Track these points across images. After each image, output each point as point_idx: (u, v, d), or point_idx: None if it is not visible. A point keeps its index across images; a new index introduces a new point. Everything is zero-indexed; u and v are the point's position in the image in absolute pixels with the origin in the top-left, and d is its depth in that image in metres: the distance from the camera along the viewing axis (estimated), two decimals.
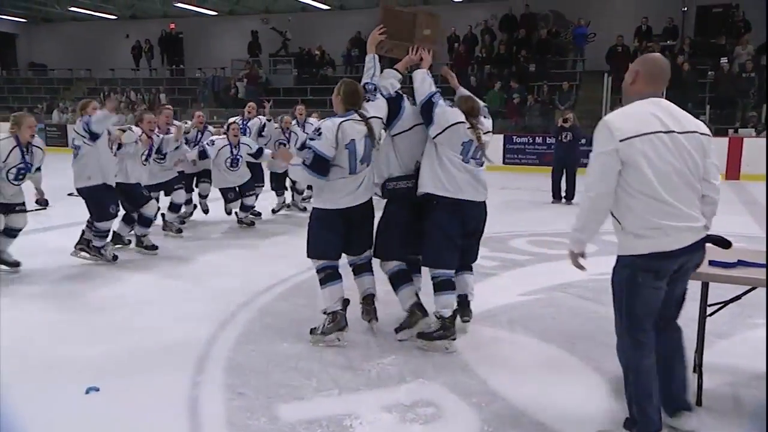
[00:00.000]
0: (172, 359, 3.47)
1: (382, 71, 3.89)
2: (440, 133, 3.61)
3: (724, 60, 14.58)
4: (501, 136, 14.71)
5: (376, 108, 3.75)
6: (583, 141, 12.18)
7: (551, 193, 9.50)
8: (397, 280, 3.82)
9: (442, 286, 3.64)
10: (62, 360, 3.45)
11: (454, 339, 3.63)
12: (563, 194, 9.43)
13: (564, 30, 17.94)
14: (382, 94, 3.80)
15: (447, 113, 3.65)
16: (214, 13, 22.75)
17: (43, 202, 8.62)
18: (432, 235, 3.65)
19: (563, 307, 4.48)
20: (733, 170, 12.68)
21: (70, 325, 4.03)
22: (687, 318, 2.83)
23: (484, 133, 3.74)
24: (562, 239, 6.74)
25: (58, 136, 19.70)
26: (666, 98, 2.61)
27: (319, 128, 3.60)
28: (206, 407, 2.90)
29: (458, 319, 3.79)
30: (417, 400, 3.00)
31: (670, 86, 10.85)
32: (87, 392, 3.00)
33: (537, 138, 14.37)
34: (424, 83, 3.76)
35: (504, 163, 14.59)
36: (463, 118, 3.66)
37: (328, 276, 3.70)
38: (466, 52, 17.80)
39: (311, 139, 3.60)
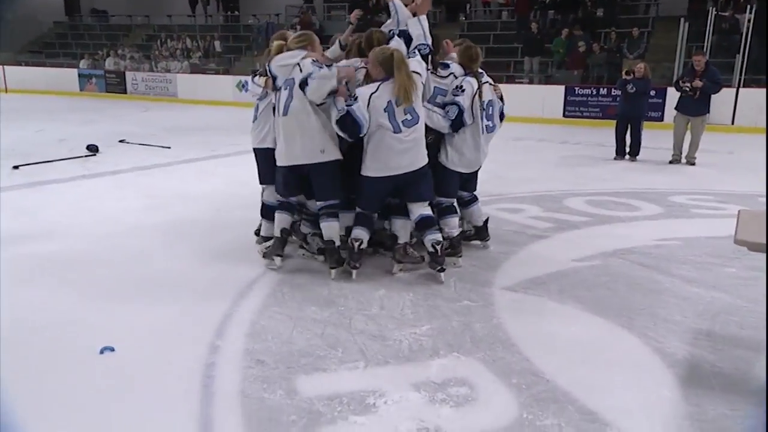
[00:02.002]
0: (193, 321, 3.30)
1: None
2: None
3: None
4: (562, 87, 13.88)
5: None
6: (653, 93, 11.39)
7: (614, 148, 8.85)
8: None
9: (447, 210, 4.23)
10: (78, 319, 3.34)
11: (461, 256, 4.21)
12: (627, 150, 8.77)
13: None
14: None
15: None
16: None
17: (93, 148, 8.76)
18: (440, 171, 4.13)
19: (621, 275, 4.06)
20: None
21: (90, 285, 3.92)
22: None
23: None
24: (624, 200, 6.25)
25: (116, 83, 19.98)
26: (750, 45, 2.13)
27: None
28: (221, 376, 2.70)
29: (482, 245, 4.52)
30: (449, 378, 2.71)
31: (755, 32, 9.88)
32: (101, 352, 2.87)
33: (601, 89, 13.45)
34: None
35: (564, 116, 13.80)
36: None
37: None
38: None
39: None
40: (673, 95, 9.35)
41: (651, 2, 16.11)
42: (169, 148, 9.35)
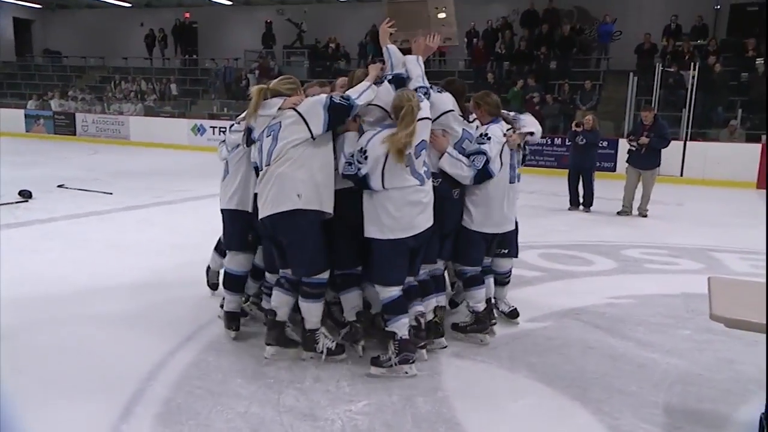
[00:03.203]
0: (97, 398, 2.90)
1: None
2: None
3: (759, 61, 13.70)
4: None
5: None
6: (605, 144, 11.58)
7: (568, 199, 8.84)
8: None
9: (473, 281, 3.72)
10: None
11: (489, 333, 3.73)
12: (581, 201, 8.76)
13: (588, 27, 17.14)
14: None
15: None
16: (230, 2, 22.26)
17: (26, 194, 8.25)
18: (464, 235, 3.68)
19: (574, 339, 3.85)
20: (765, 178, 11.85)
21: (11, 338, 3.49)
22: None
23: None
24: (578, 253, 6.14)
25: (65, 125, 19.36)
26: (695, 100, 2.02)
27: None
28: None
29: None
30: None
31: (699, 87, 10.04)
32: None
33: (556, 139, 13.64)
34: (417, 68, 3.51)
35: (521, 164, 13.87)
36: None
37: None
38: (485, 47, 17.09)
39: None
40: (624, 146, 9.47)
41: (602, 57, 16.64)
42: (111, 194, 8.90)
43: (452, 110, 3.55)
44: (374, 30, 19.15)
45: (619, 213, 8.46)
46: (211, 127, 17.51)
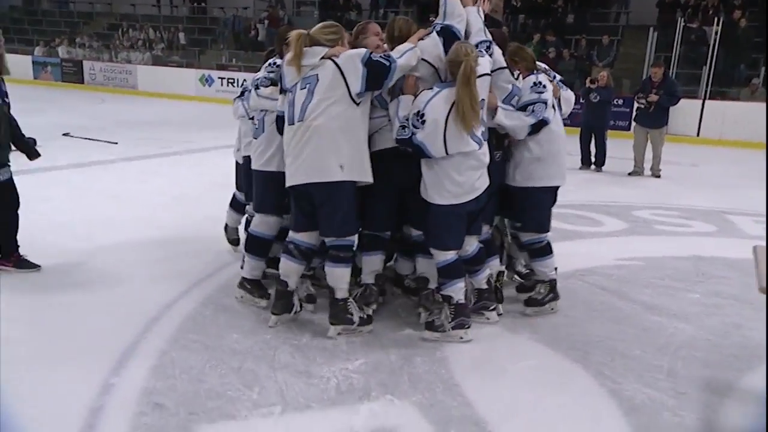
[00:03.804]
0: (90, 351, 2.87)
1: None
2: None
3: None
4: None
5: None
6: (620, 102, 11.26)
7: (580, 158, 8.64)
8: None
9: (545, 250, 3.53)
10: None
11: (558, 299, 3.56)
12: (593, 160, 8.56)
13: None
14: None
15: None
16: None
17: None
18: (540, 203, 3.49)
19: (580, 301, 3.76)
20: None
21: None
22: None
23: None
24: (587, 213, 6.00)
25: (73, 73, 19.15)
26: (716, 58, 1.84)
27: None
28: (103, 427, 2.30)
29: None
30: (377, 428, 2.36)
31: (722, 44, 9.60)
32: None
33: None
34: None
35: None
36: None
37: None
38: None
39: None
40: None
41: (622, 11, 16.07)
42: (116, 143, 8.82)
43: (506, 68, 3.28)
44: None
45: (630, 174, 8.27)
46: (219, 78, 17.25)
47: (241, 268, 3.62)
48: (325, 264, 3.14)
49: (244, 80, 16.09)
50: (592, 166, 8.56)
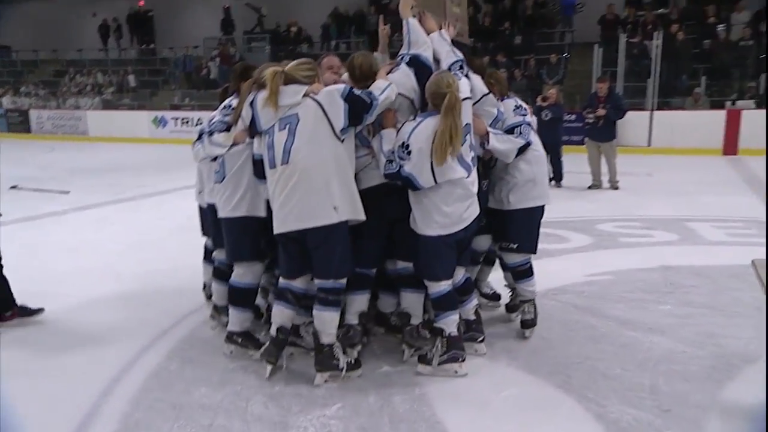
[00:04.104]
0: (49, 417, 2.68)
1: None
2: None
3: (721, 27, 13.77)
4: None
5: None
6: (572, 117, 11.51)
7: None
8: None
9: (528, 272, 3.56)
10: None
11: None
12: (551, 176, 8.68)
13: (551, 0, 17.02)
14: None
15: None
16: None
17: None
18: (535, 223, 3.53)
19: (555, 321, 3.72)
20: (731, 145, 11.99)
21: None
22: None
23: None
24: (552, 230, 6.02)
25: (19, 122, 18.62)
26: (659, 70, 1.85)
27: None
28: None
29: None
30: None
31: (663, 57, 10.03)
32: None
33: None
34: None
35: None
36: None
37: None
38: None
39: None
40: None
41: (566, 30, 16.56)
42: (68, 192, 8.53)
43: (489, 93, 3.28)
44: (336, 12, 18.83)
45: (590, 187, 8.41)
46: (173, 118, 17.06)
47: (212, 318, 3.47)
48: (313, 307, 2.99)
49: (199, 119, 15.98)
50: (551, 183, 8.67)
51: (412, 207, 3.00)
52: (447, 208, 2.92)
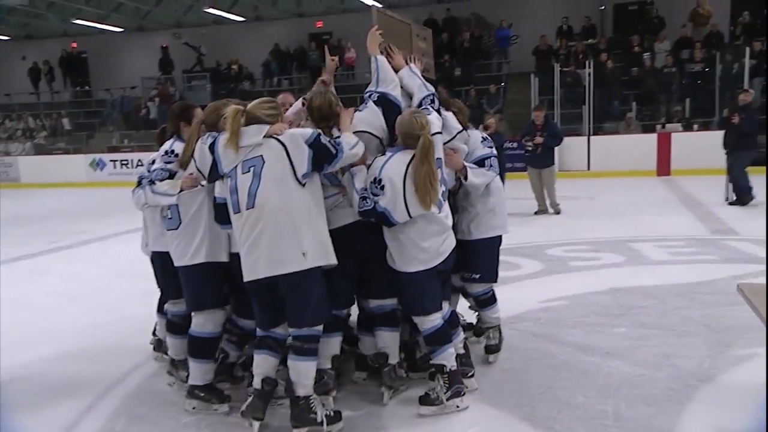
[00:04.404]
0: None
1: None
2: None
3: (646, 55, 14.54)
4: None
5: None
6: (513, 145, 11.81)
7: None
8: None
9: (493, 298, 3.60)
10: None
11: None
12: None
13: (486, 33, 17.61)
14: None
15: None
16: (120, 29, 21.19)
17: None
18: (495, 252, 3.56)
19: (514, 351, 3.70)
20: (663, 166, 12.54)
21: None
22: None
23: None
24: (503, 257, 6.00)
25: None
26: (593, 96, 1.92)
27: None
28: None
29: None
30: None
31: (595, 84, 10.54)
32: None
33: None
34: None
35: None
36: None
37: None
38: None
39: None
40: None
41: (503, 61, 17.12)
42: None
43: (462, 130, 3.29)
44: (276, 49, 18.88)
45: (536, 213, 8.58)
46: (111, 160, 16.56)
47: (169, 374, 3.31)
48: (288, 357, 2.81)
49: (140, 160, 15.55)
50: None
51: (388, 245, 2.96)
52: (424, 244, 2.90)
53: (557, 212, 8.51)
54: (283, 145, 2.69)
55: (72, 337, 4.32)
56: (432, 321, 2.97)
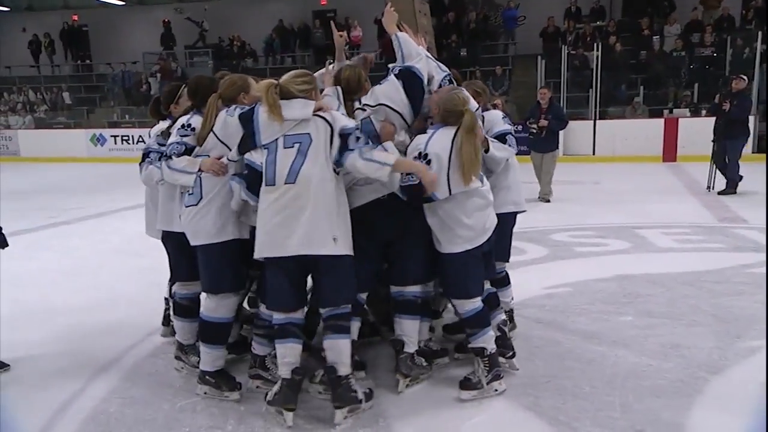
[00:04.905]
0: None
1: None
2: None
3: (655, 38, 14.29)
4: None
5: None
6: (519, 128, 11.64)
7: None
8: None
9: (506, 279, 3.59)
10: None
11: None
12: None
13: (493, 13, 17.31)
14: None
15: None
16: (122, 3, 20.87)
17: None
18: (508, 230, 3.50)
19: (519, 338, 3.60)
20: (670, 152, 12.39)
21: None
22: None
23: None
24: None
25: None
26: (600, 80, 1.81)
27: None
28: None
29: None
30: None
31: (603, 68, 10.34)
32: None
33: None
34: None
35: None
36: None
37: None
38: None
39: None
40: None
41: (509, 42, 16.85)
42: None
43: (477, 108, 3.18)
44: (280, 26, 18.60)
45: (539, 199, 8.44)
46: (112, 136, 16.40)
47: (177, 359, 3.23)
48: (324, 338, 2.75)
49: (140, 136, 15.39)
50: None
51: (430, 225, 2.88)
52: (468, 220, 2.83)
53: (546, 200, 8.30)
54: (330, 125, 2.64)
55: (66, 316, 4.24)
56: (473, 303, 2.92)
